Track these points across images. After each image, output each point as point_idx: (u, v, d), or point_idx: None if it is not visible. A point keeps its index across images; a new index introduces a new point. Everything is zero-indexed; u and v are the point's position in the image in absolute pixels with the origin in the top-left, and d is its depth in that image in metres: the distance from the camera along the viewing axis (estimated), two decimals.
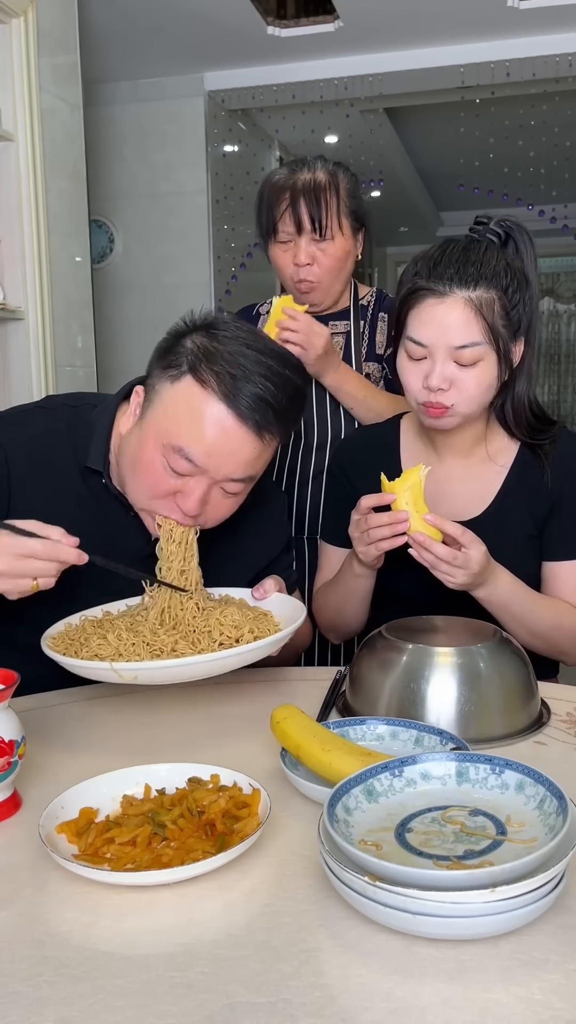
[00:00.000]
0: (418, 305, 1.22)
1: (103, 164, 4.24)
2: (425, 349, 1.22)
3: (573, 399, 9.24)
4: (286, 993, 0.61)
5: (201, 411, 1.10)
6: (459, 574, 1.18)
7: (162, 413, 1.13)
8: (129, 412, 1.21)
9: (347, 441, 1.53)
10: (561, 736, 1.06)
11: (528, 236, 1.29)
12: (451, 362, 1.21)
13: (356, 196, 1.71)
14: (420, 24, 3.64)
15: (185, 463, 1.10)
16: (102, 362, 3.23)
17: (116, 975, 0.64)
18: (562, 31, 3.72)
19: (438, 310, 1.20)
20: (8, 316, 2.62)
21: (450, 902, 0.64)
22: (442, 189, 6.97)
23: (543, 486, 1.32)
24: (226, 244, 4.44)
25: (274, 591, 1.22)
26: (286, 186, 1.67)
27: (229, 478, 1.13)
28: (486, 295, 1.20)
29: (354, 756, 0.86)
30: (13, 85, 2.57)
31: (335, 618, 1.43)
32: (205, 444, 1.10)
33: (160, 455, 1.12)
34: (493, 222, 1.29)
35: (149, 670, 0.99)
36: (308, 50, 3.88)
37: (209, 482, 1.13)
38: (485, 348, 1.20)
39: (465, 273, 1.20)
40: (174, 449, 1.10)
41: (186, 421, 1.10)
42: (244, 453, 1.12)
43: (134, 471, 1.16)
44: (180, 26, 3.63)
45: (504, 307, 1.21)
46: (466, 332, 1.19)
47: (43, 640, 1.08)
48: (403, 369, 1.27)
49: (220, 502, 1.16)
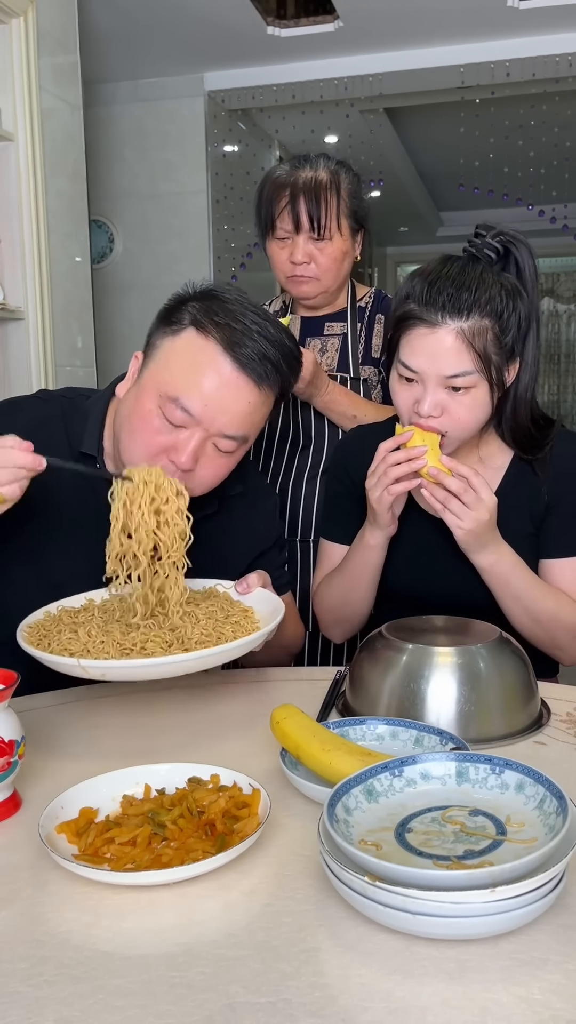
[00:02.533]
0: (410, 332, 1.22)
1: (103, 164, 4.24)
2: (416, 375, 1.22)
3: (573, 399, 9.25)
4: (286, 993, 0.61)
5: (200, 359, 1.12)
6: (468, 516, 1.19)
7: (162, 364, 1.15)
8: (127, 379, 1.22)
9: (347, 440, 1.53)
10: (561, 736, 1.06)
11: (528, 248, 1.28)
12: (442, 389, 1.21)
13: (357, 196, 1.70)
14: (420, 24, 3.64)
15: (181, 413, 1.11)
16: (102, 362, 3.23)
17: (116, 975, 0.64)
18: (562, 31, 3.72)
19: (429, 340, 1.20)
20: (8, 316, 2.62)
21: (450, 902, 0.64)
22: (442, 189, 6.97)
23: (540, 485, 1.33)
24: (226, 244, 4.44)
25: (257, 586, 1.21)
26: (286, 183, 1.66)
27: (223, 433, 1.14)
28: (479, 324, 1.19)
29: (354, 756, 0.86)
30: (13, 85, 2.57)
31: (340, 610, 1.42)
32: (202, 393, 1.11)
33: (156, 407, 1.13)
34: (491, 235, 1.27)
35: (116, 668, 0.98)
36: (308, 50, 3.88)
37: (203, 435, 1.13)
38: (476, 377, 1.20)
39: (459, 301, 1.18)
40: (171, 399, 1.11)
41: (185, 369, 1.12)
42: (241, 404, 1.13)
43: (129, 425, 1.16)
44: (180, 26, 3.63)
45: (496, 335, 1.20)
46: (457, 362, 1.19)
47: (19, 629, 1.07)
48: (395, 391, 1.27)
49: (212, 459, 1.16)
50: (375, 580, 1.37)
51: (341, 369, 1.76)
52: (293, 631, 1.38)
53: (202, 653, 0.99)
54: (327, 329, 1.79)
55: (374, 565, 1.35)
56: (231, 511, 1.30)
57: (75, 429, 1.26)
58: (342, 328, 1.78)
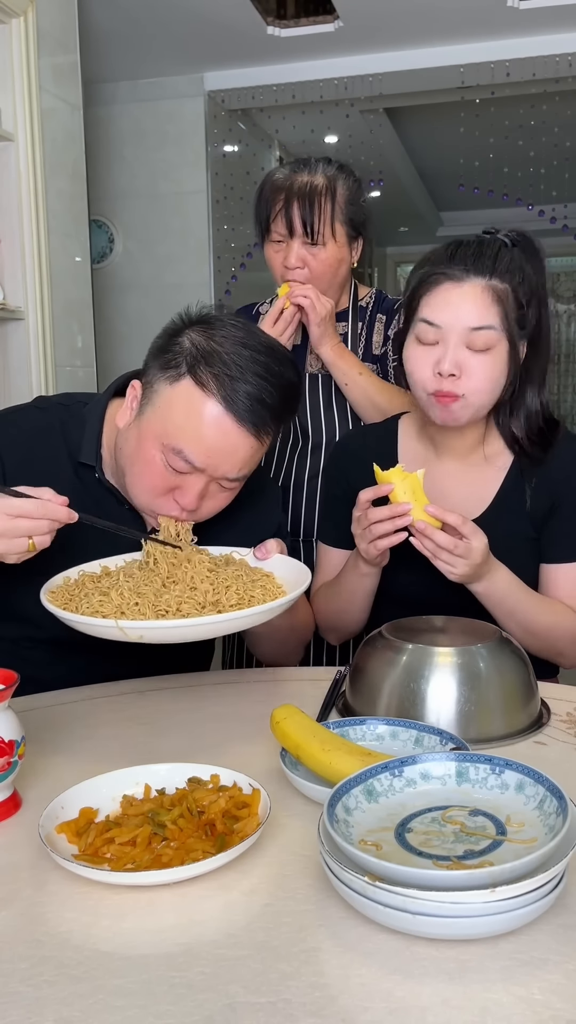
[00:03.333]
0: (434, 288, 1.23)
1: (103, 164, 4.24)
2: (439, 331, 1.22)
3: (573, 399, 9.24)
4: (286, 993, 0.61)
5: (200, 413, 1.12)
6: (460, 564, 1.18)
7: (162, 413, 1.15)
8: (125, 406, 1.22)
9: (345, 441, 1.53)
10: (561, 736, 1.06)
11: (537, 247, 1.30)
12: (463, 347, 1.21)
13: (355, 203, 1.69)
14: (420, 24, 3.64)
15: (184, 463, 1.13)
16: (102, 362, 3.23)
17: (116, 975, 0.64)
18: (562, 31, 3.72)
19: (454, 293, 1.22)
20: (8, 316, 2.62)
21: (450, 902, 0.64)
22: (442, 189, 6.97)
23: (542, 488, 1.32)
24: (226, 244, 4.44)
25: (276, 551, 1.22)
26: (282, 187, 1.66)
27: (225, 476, 1.16)
28: (501, 285, 1.21)
29: (354, 756, 0.86)
30: (13, 85, 2.57)
31: (336, 620, 1.42)
32: (204, 445, 1.13)
33: (159, 453, 1.14)
34: (502, 232, 1.29)
35: (155, 629, 0.98)
36: (308, 50, 3.88)
37: (207, 479, 1.16)
38: (498, 334, 1.21)
39: (481, 263, 1.22)
40: (174, 451, 1.13)
41: (185, 423, 1.13)
42: (241, 452, 1.15)
43: (133, 468, 1.18)
44: (180, 26, 3.63)
45: (517, 301, 1.23)
46: (483, 314, 1.20)
47: (42, 594, 1.08)
48: (412, 358, 1.26)
49: (216, 495, 1.19)
50: (369, 600, 1.37)
51: None
52: (304, 615, 1.37)
53: (239, 614, 1.00)
54: None
55: (367, 590, 1.35)
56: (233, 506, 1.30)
57: (73, 438, 1.27)
58: (343, 328, 1.79)
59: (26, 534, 1.01)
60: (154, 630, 0.98)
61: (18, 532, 1.00)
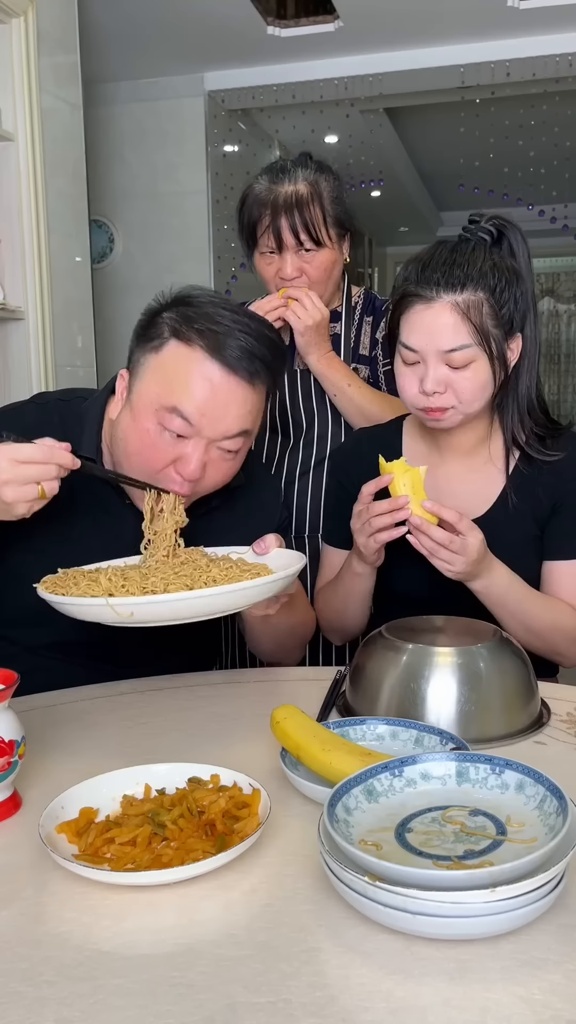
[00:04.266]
0: (408, 310, 1.23)
1: (103, 164, 4.24)
2: (417, 354, 1.23)
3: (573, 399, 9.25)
4: (286, 993, 0.61)
5: (189, 369, 1.12)
6: (457, 561, 1.19)
7: (150, 380, 1.15)
8: (116, 397, 1.22)
9: (348, 442, 1.53)
10: (561, 736, 1.06)
11: (520, 233, 1.30)
12: (443, 365, 1.22)
13: (339, 201, 1.67)
14: (420, 24, 3.64)
15: (180, 421, 1.12)
16: (102, 362, 3.23)
17: (116, 975, 0.64)
18: (562, 31, 3.72)
19: (426, 315, 1.21)
20: (8, 316, 2.62)
21: (450, 902, 0.64)
22: (442, 189, 6.98)
23: (545, 486, 1.33)
24: (226, 244, 4.44)
25: (275, 546, 1.21)
26: (266, 201, 1.64)
27: (225, 435, 1.14)
28: (473, 297, 1.20)
29: (354, 756, 0.86)
30: (13, 85, 2.57)
31: (337, 620, 1.43)
32: (196, 400, 1.11)
33: (154, 422, 1.13)
34: (485, 220, 1.29)
35: (146, 605, 0.96)
36: (308, 50, 3.88)
37: (206, 443, 1.14)
38: (475, 350, 1.21)
39: (452, 276, 1.20)
40: (168, 409, 1.12)
41: (176, 381, 1.12)
42: (236, 406, 1.14)
43: (129, 449, 1.17)
44: (180, 26, 3.63)
45: (493, 308, 1.21)
46: (454, 335, 1.20)
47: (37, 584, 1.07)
48: (399, 375, 1.28)
49: (218, 464, 1.17)
50: (367, 601, 1.38)
51: None
52: (303, 612, 1.37)
53: (227, 588, 0.98)
54: None
55: (364, 590, 1.35)
56: (234, 504, 1.30)
57: (72, 434, 1.25)
58: (336, 328, 1.78)
59: (35, 480, 0.99)
60: (143, 606, 0.96)
61: (27, 478, 0.99)
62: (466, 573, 1.21)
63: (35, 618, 1.13)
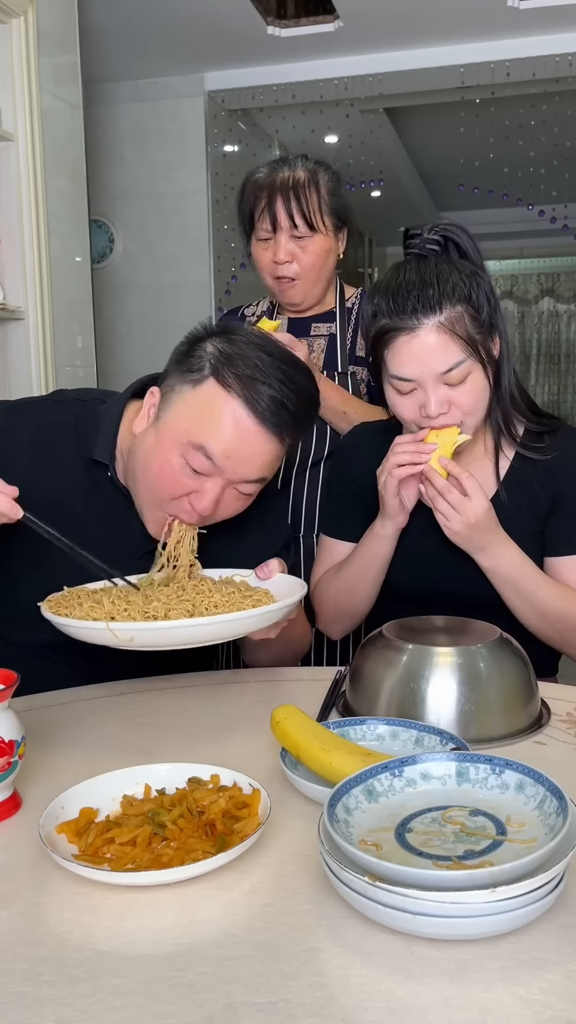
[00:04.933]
0: (392, 344, 1.23)
1: (103, 164, 4.24)
2: (413, 383, 1.23)
3: (573, 399, 9.25)
4: (286, 993, 0.61)
5: (222, 412, 1.13)
6: (455, 518, 1.21)
7: (183, 414, 1.15)
8: (143, 412, 1.22)
9: (351, 436, 1.53)
10: (561, 736, 1.06)
11: (465, 232, 1.30)
12: (442, 386, 1.22)
13: (337, 194, 1.70)
14: (420, 24, 3.64)
15: (205, 461, 1.13)
16: (102, 362, 3.23)
17: (116, 975, 0.64)
18: (562, 31, 3.72)
19: (413, 345, 1.21)
20: (8, 316, 2.62)
21: (450, 902, 0.64)
22: (442, 189, 6.97)
23: (545, 482, 1.33)
24: (226, 244, 4.44)
25: (278, 572, 1.22)
26: (264, 184, 1.67)
27: (244, 479, 1.16)
28: (453, 312, 1.20)
29: (354, 756, 0.86)
30: (13, 85, 2.57)
31: (344, 600, 1.41)
32: (224, 444, 1.12)
33: (178, 455, 1.14)
34: (426, 231, 1.29)
35: (147, 631, 0.98)
36: (308, 50, 3.88)
37: (224, 483, 1.15)
38: (469, 363, 1.22)
39: (426, 298, 1.20)
40: (195, 447, 1.13)
41: (207, 421, 1.13)
42: (262, 455, 1.15)
43: (148, 471, 1.17)
44: (180, 26, 3.63)
45: (473, 315, 1.22)
46: (446, 356, 1.20)
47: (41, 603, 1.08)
48: (395, 404, 1.28)
49: (231, 502, 1.19)
50: (382, 572, 1.37)
51: (328, 366, 1.76)
52: (302, 630, 1.37)
53: (227, 616, 0.99)
54: (313, 330, 1.79)
55: (383, 556, 1.35)
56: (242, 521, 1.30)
57: (86, 436, 1.26)
58: (328, 328, 1.78)
59: None
60: (144, 632, 0.98)
61: None
62: (467, 538, 1.23)
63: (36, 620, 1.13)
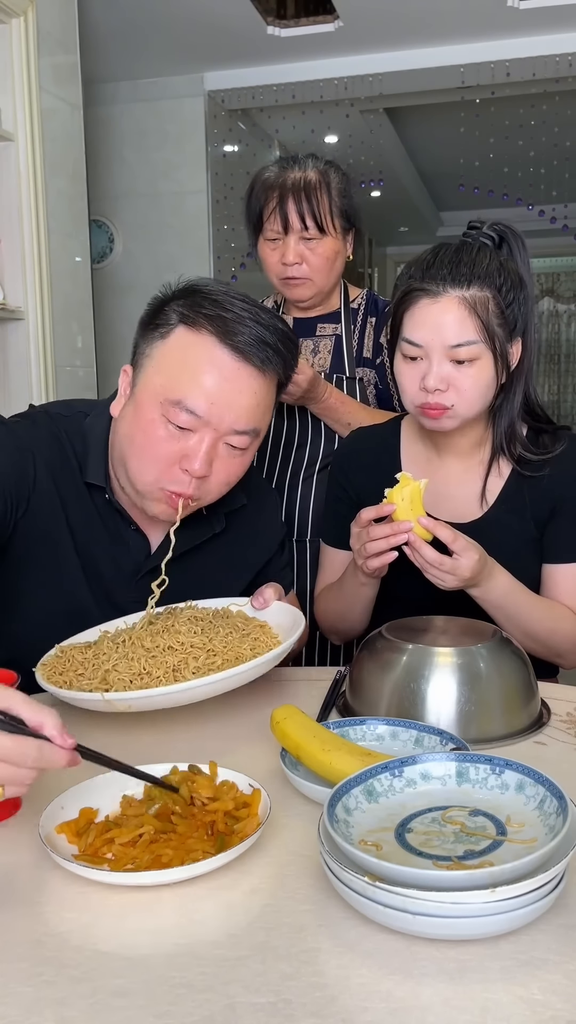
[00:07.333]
0: (413, 306, 1.22)
1: (103, 164, 4.24)
2: (421, 349, 1.22)
3: (573, 399, 9.25)
4: (286, 993, 0.61)
5: (197, 355, 1.07)
6: (448, 579, 1.18)
7: (155, 371, 1.09)
8: (119, 395, 1.16)
9: (348, 442, 1.53)
10: (561, 736, 1.06)
11: (521, 240, 1.30)
12: (447, 362, 1.21)
13: (347, 195, 1.70)
14: (420, 24, 3.64)
15: (187, 416, 1.06)
16: (102, 362, 3.23)
17: (116, 975, 0.64)
18: (562, 31, 3.72)
19: (432, 310, 1.20)
20: (8, 316, 2.62)
21: (450, 902, 0.64)
22: (442, 189, 6.98)
23: (544, 489, 1.32)
24: (226, 244, 4.44)
25: (274, 600, 1.19)
26: (275, 184, 1.66)
27: (233, 428, 1.09)
28: (480, 294, 1.20)
29: (354, 756, 0.86)
30: (13, 85, 2.57)
31: (338, 622, 1.43)
32: (205, 390, 1.06)
33: (159, 415, 1.07)
34: (487, 226, 1.29)
35: (141, 699, 0.98)
36: (308, 50, 3.89)
37: (214, 435, 1.08)
38: (481, 347, 1.21)
39: (458, 273, 1.20)
40: (173, 403, 1.06)
41: (183, 371, 1.07)
42: (246, 395, 1.09)
43: (133, 445, 1.10)
44: (180, 26, 3.63)
45: (499, 306, 1.21)
46: (461, 330, 1.20)
47: (36, 669, 1.05)
48: (399, 372, 1.27)
49: (226, 461, 1.12)
50: (369, 606, 1.37)
51: (335, 370, 1.76)
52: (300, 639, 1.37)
53: (225, 674, 0.98)
54: (319, 330, 1.79)
55: (368, 597, 1.35)
56: (238, 525, 1.29)
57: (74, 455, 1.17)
58: (334, 329, 1.78)
59: None
60: (139, 700, 0.97)
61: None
62: (461, 587, 1.21)
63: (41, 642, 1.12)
